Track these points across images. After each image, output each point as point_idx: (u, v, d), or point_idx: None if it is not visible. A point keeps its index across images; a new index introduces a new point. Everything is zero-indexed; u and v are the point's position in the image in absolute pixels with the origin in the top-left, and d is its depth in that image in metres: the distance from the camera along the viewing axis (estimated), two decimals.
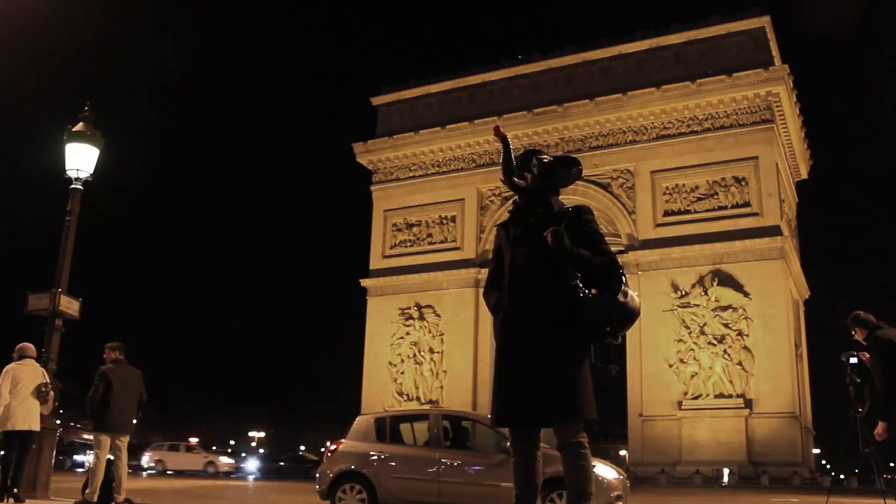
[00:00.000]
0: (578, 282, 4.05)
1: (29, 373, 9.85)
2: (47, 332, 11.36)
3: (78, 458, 30.61)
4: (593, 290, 4.04)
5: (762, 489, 29.52)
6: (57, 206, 12.48)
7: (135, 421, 10.47)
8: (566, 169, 4.37)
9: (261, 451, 65.50)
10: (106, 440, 9.61)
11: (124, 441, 9.74)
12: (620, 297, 3.97)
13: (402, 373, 42.95)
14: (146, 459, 36.59)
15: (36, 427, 9.79)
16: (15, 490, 9.63)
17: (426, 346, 42.79)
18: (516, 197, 4.44)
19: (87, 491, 9.50)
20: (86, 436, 31.53)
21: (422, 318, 43.16)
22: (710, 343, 35.70)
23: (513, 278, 4.19)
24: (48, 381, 9.96)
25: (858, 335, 8.43)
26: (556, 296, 4.04)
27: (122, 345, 9.98)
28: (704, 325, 35.92)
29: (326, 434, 61.56)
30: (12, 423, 9.61)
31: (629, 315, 3.99)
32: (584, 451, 4.02)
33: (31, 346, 10.19)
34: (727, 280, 36.03)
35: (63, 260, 11.76)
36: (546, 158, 4.37)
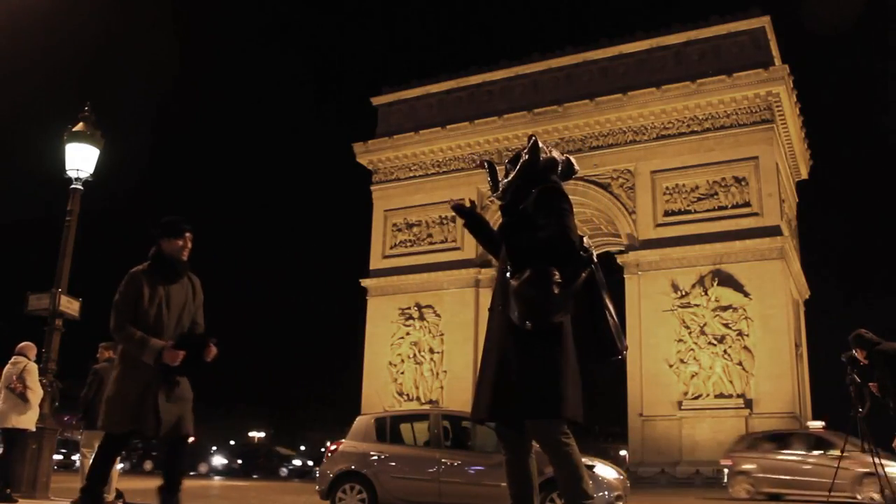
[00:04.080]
0: (507, 268, 3.84)
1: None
2: (47, 332, 11.38)
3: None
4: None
5: None
6: (57, 206, 12.48)
7: None
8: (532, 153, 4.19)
9: None
10: (97, 438, 9.60)
11: None
12: (519, 282, 3.70)
13: (402, 373, 42.95)
14: None
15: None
16: (8, 490, 9.63)
17: (426, 346, 42.78)
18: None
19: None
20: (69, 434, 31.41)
21: (422, 318, 43.17)
22: (710, 343, 35.69)
23: (496, 279, 4.30)
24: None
25: (860, 355, 8.48)
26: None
27: (114, 345, 10.00)
28: (704, 325, 35.91)
29: (326, 434, 61.54)
30: (14, 421, 9.63)
31: (521, 301, 3.69)
32: (567, 450, 3.83)
33: (32, 345, 10.20)
34: (727, 280, 36.03)
35: (63, 260, 11.77)
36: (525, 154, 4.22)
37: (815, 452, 18.03)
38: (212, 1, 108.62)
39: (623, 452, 49.05)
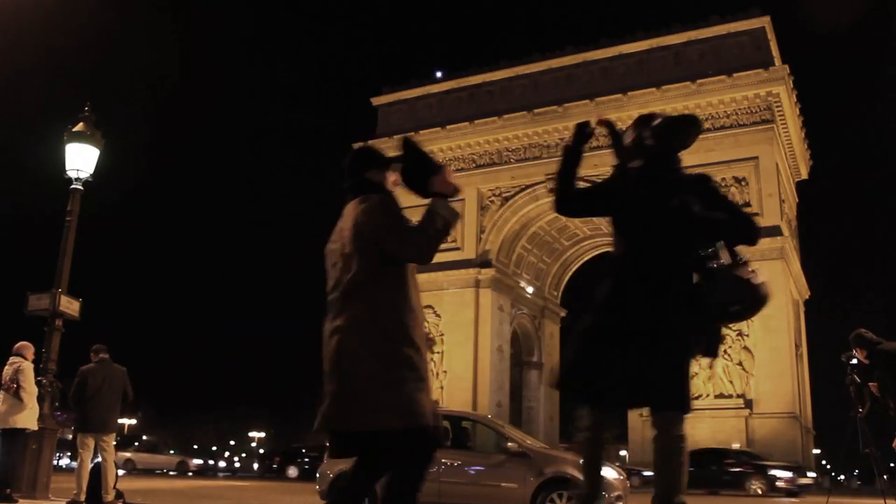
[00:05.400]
0: (707, 252, 3.62)
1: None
2: (47, 333, 11.38)
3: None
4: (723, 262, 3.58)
5: None
6: (57, 206, 12.49)
7: (136, 421, 10.51)
8: (686, 128, 4.12)
9: None
10: (90, 441, 9.57)
11: (109, 440, 9.67)
12: (753, 276, 3.52)
13: None
14: None
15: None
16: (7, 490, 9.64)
17: None
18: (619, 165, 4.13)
19: (74, 492, 9.49)
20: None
21: None
22: None
23: (642, 248, 3.78)
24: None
25: (860, 354, 8.43)
26: (686, 273, 3.67)
27: (104, 346, 9.98)
28: None
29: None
30: (12, 421, 9.65)
31: (761, 298, 3.54)
32: (684, 444, 3.83)
33: (28, 344, 10.20)
34: None
35: (63, 260, 11.77)
36: (659, 121, 4.06)
37: None
38: (211, 2, 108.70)
39: (623, 452, 48.99)
